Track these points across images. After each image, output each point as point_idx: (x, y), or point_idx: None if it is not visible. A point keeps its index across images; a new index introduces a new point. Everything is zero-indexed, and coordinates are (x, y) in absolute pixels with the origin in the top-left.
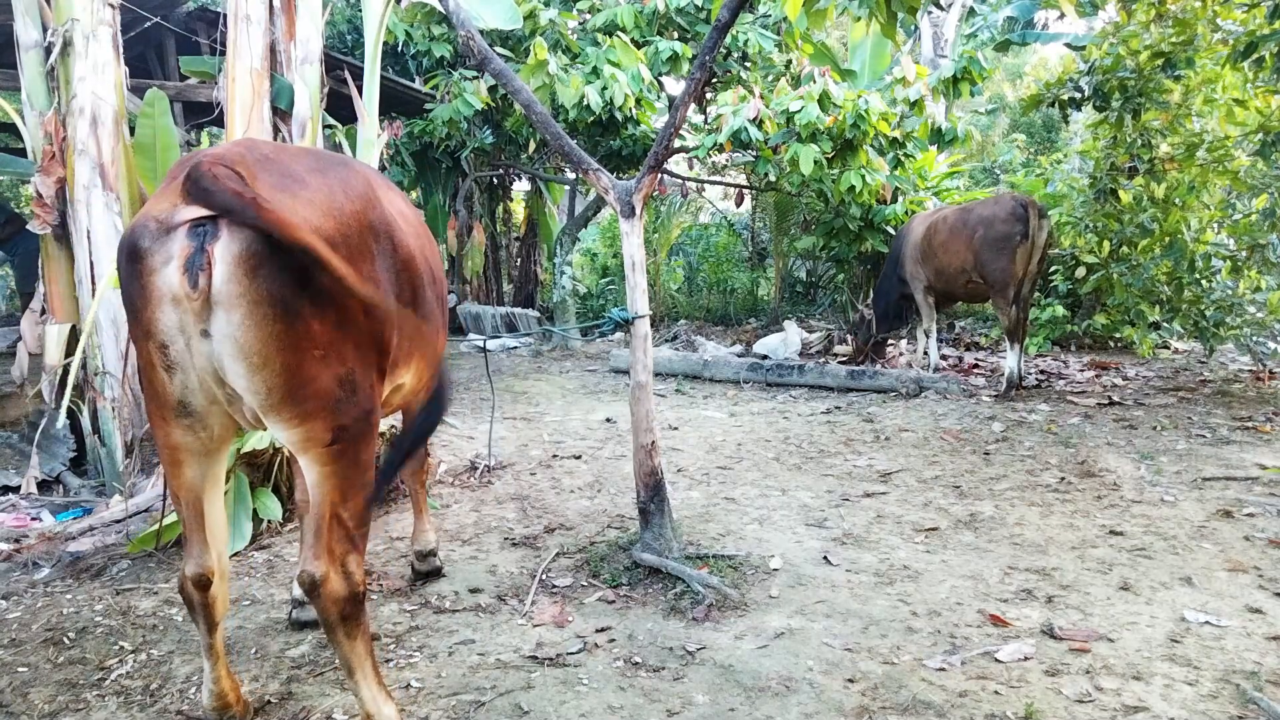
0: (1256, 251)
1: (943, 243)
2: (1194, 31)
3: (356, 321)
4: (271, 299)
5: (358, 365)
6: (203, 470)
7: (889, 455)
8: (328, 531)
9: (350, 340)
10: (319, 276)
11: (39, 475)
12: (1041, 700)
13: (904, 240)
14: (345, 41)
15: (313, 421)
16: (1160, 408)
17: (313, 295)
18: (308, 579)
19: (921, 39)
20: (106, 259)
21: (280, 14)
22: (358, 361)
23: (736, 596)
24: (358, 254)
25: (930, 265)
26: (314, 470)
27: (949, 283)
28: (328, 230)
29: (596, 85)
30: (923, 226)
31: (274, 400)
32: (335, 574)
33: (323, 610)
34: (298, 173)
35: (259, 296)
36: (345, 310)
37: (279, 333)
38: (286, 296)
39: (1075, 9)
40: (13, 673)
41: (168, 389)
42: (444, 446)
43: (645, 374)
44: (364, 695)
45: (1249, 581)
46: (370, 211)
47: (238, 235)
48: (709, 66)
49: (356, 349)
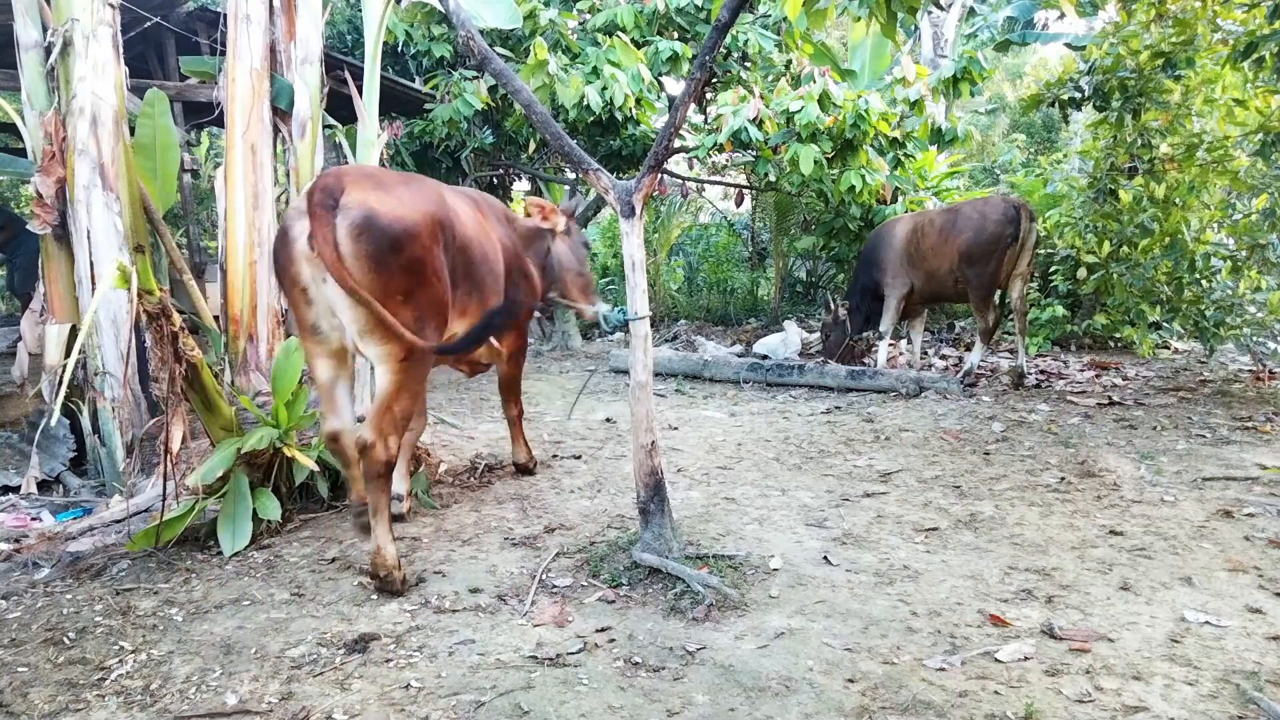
0: (1256, 251)
1: (932, 246)
2: (1194, 31)
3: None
4: (368, 258)
5: (425, 310)
6: (331, 369)
7: (889, 455)
8: (381, 417)
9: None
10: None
11: (39, 475)
12: (1041, 700)
13: (883, 244)
14: (345, 41)
15: (390, 345)
16: (1160, 408)
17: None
18: (362, 443)
19: (921, 39)
20: (107, 259)
21: (280, 14)
22: (425, 307)
23: (736, 596)
24: (430, 235)
25: (919, 268)
26: (385, 378)
27: (938, 285)
28: (407, 216)
29: (596, 85)
30: (905, 229)
31: (365, 329)
32: (380, 443)
33: (367, 466)
34: (390, 184)
35: (360, 255)
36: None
37: (373, 280)
38: (374, 259)
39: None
40: (13, 673)
41: (305, 317)
42: (444, 447)
43: (645, 374)
44: (378, 531)
45: (1249, 581)
46: (436, 209)
47: (343, 217)
48: (709, 66)
49: (423, 298)
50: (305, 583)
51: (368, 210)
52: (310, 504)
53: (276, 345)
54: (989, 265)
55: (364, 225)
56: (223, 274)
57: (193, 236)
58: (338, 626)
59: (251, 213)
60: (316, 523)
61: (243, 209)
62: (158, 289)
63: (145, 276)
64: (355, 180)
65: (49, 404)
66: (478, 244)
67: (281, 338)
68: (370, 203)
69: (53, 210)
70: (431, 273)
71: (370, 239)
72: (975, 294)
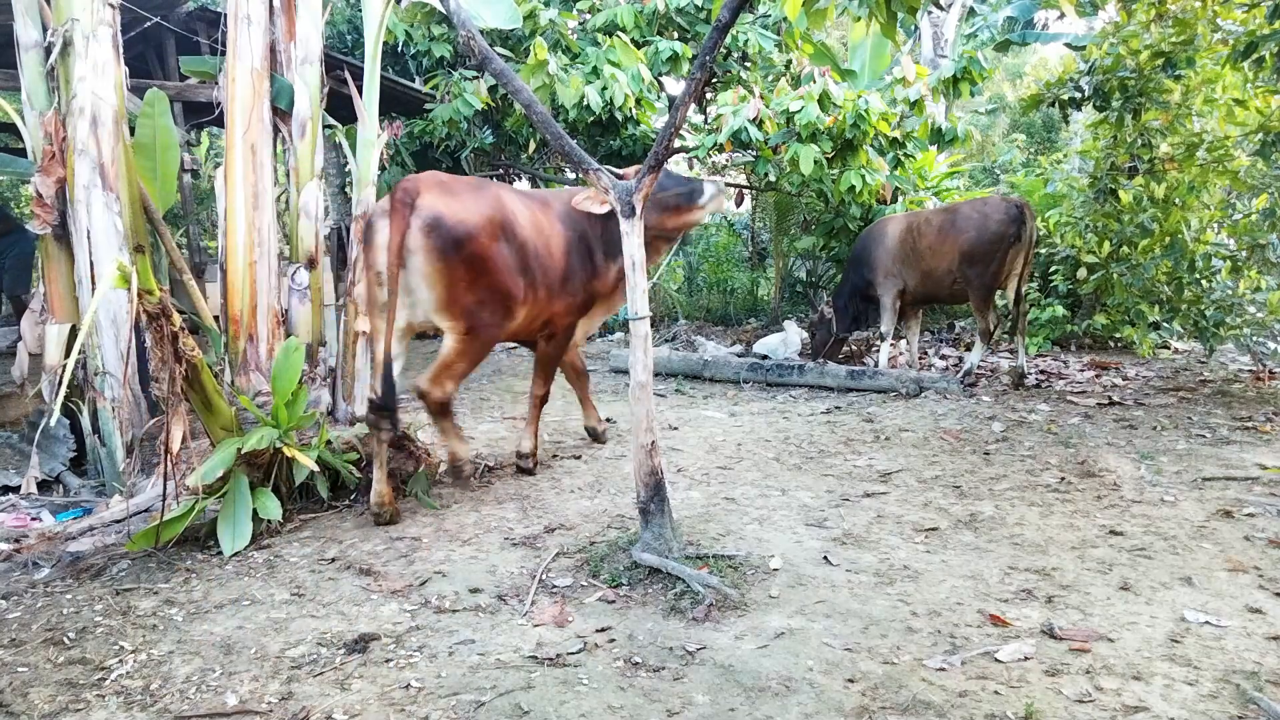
0: (1256, 251)
1: (929, 245)
2: (1194, 31)
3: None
4: (436, 252)
5: (486, 294)
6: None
7: (889, 455)
8: (439, 371)
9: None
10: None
11: (39, 475)
12: (1041, 700)
13: (874, 243)
14: (345, 41)
15: (457, 320)
16: (1160, 408)
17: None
18: (421, 390)
19: (921, 39)
20: (106, 259)
21: (280, 14)
22: (486, 291)
23: (736, 596)
24: (490, 233)
25: (914, 268)
26: (450, 343)
27: (935, 285)
28: (469, 219)
29: (596, 85)
30: (898, 229)
31: (437, 306)
32: (437, 390)
33: (428, 408)
34: (458, 190)
35: (430, 250)
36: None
37: (440, 270)
38: (444, 250)
39: (1075, 9)
40: (13, 673)
41: (379, 297)
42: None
43: (645, 374)
44: (450, 442)
45: (1249, 581)
46: (497, 212)
47: (417, 217)
48: (709, 66)
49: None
50: (305, 583)
51: (436, 213)
52: (310, 504)
53: (276, 345)
54: (991, 265)
55: (433, 225)
56: (223, 274)
57: (193, 236)
58: (338, 626)
59: (251, 213)
60: (316, 523)
61: (243, 209)
62: (158, 289)
63: (145, 276)
64: (429, 186)
65: (49, 404)
66: (532, 242)
67: (281, 338)
68: (439, 206)
69: (53, 210)
70: (490, 265)
71: (437, 236)
72: (976, 294)
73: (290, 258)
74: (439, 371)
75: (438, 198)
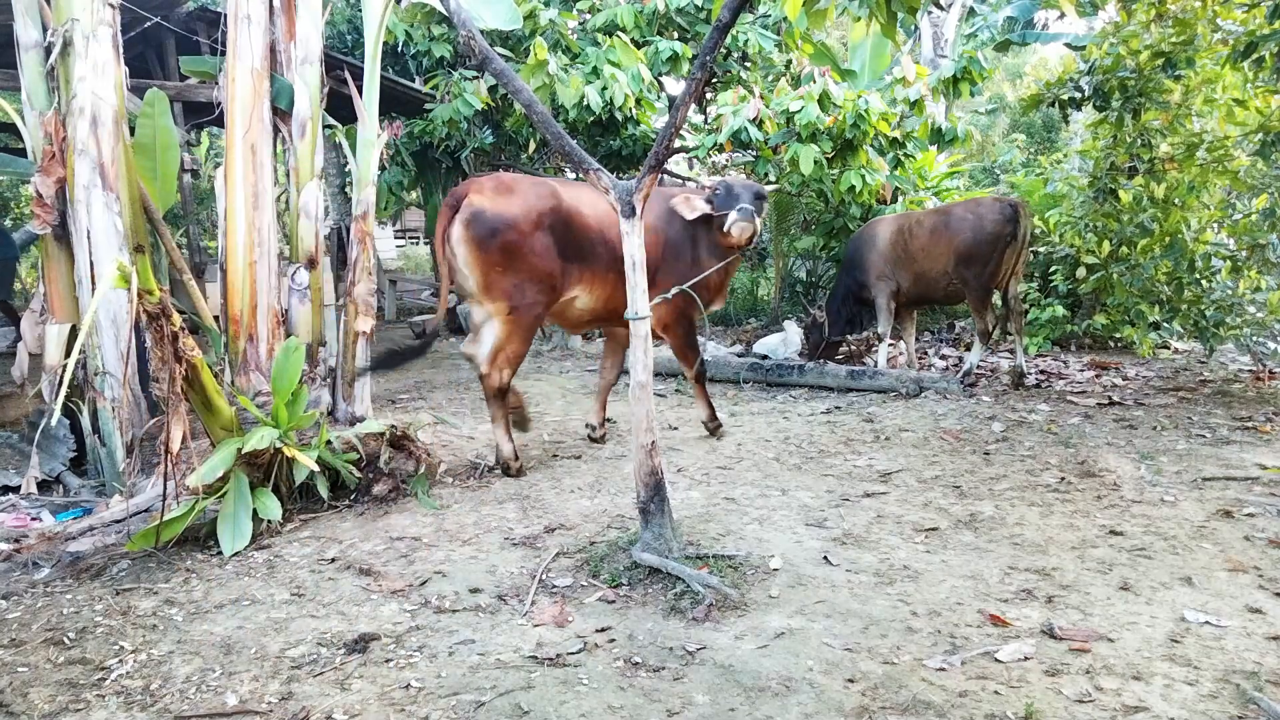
0: (1256, 251)
1: (923, 246)
2: (1194, 31)
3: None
4: (473, 242)
5: (525, 279)
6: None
7: (889, 455)
8: (495, 356)
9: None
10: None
11: (39, 475)
12: (1041, 700)
13: (866, 245)
14: (345, 41)
15: (497, 303)
16: (1160, 408)
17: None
18: (481, 374)
19: (921, 39)
20: (106, 259)
21: (280, 14)
22: (526, 277)
23: (736, 596)
24: (535, 226)
25: (907, 269)
26: (496, 328)
27: (928, 286)
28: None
29: (596, 85)
30: (889, 230)
31: (477, 289)
32: (495, 373)
33: (485, 390)
34: (505, 188)
35: (468, 240)
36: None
37: (477, 257)
38: (477, 242)
39: (1075, 9)
40: (13, 673)
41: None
42: (444, 447)
43: (645, 374)
44: (497, 433)
45: (1249, 581)
46: (552, 204)
47: (461, 214)
48: (709, 66)
49: (522, 270)
50: (305, 583)
51: (476, 207)
52: (310, 504)
53: (276, 345)
54: (988, 266)
55: (472, 218)
56: (223, 274)
57: (193, 236)
58: (338, 626)
59: (251, 213)
60: (316, 523)
61: (243, 209)
62: (158, 289)
63: (145, 276)
64: (479, 186)
65: (49, 404)
66: (595, 229)
67: (281, 338)
68: (480, 202)
69: (53, 210)
70: (527, 252)
71: (475, 227)
72: (973, 295)
73: (290, 258)
74: (494, 355)
75: (482, 195)
